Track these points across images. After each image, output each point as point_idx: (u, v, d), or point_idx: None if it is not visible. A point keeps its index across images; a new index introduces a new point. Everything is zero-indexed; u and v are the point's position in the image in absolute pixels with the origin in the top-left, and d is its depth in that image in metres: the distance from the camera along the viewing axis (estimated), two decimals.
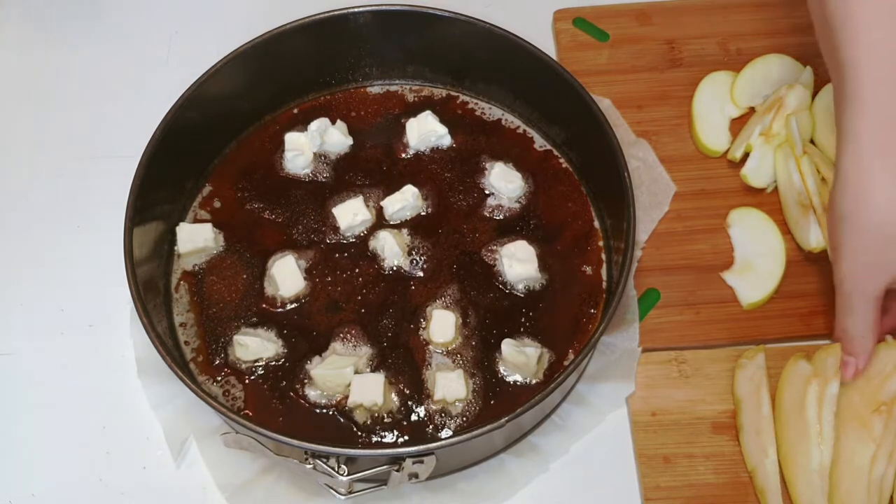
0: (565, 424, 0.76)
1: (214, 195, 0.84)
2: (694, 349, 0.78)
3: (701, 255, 0.83)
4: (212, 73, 0.79)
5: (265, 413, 0.73)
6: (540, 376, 0.75)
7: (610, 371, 0.77)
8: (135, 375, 0.78)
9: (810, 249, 0.80)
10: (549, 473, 0.75)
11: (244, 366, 0.75)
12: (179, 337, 0.77)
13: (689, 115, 0.89)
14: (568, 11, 0.95)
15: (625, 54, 0.93)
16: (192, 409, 0.75)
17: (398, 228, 0.82)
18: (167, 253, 0.80)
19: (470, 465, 0.75)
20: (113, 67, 0.94)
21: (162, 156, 0.76)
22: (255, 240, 0.81)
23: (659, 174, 0.86)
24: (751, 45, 0.92)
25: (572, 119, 0.81)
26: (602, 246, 0.81)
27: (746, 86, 0.89)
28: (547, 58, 0.81)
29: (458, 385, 0.73)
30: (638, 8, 0.95)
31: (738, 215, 0.84)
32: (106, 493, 0.75)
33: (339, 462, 0.66)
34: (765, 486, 0.72)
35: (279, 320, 0.77)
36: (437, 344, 0.76)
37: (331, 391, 0.74)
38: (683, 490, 0.73)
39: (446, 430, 0.73)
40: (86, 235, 0.84)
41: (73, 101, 0.92)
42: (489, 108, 0.88)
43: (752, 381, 0.75)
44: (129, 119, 0.89)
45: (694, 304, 0.81)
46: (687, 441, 0.75)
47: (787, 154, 0.84)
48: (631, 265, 0.73)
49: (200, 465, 0.75)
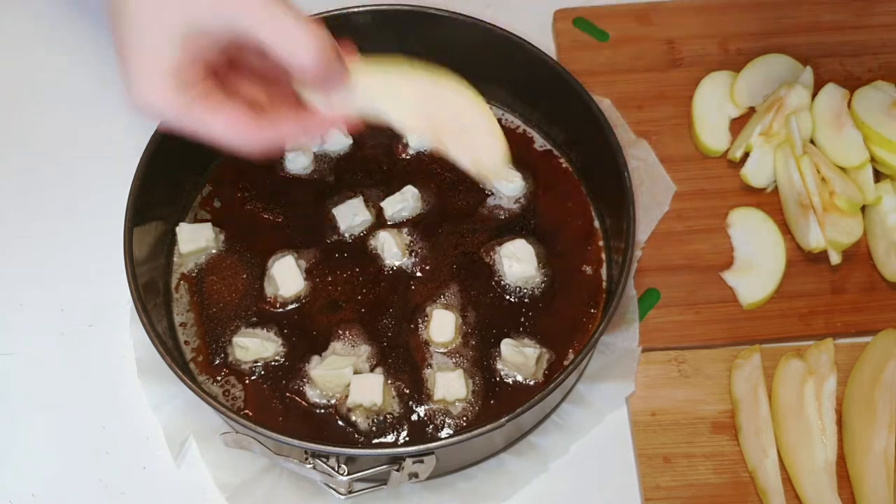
0: (565, 424, 0.76)
1: (214, 195, 0.84)
2: (694, 349, 0.79)
3: (701, 255, 0.83)
4: None
5: (265, 413, 0.73)
6: (539, 376, 0.75)
7: (610, 371, 0.77)
8: (135, 375, 0.78)
9: (810, 249, 0.81)
10: (548, 473, 0.75)
11: (244, 366, 0.75)
12: (179, 337, 0.77)
13: (689, 115, 0.89)
14: (568, 11, 0.95)
15: (625, 54, 0.93)
16: (192, 409, 0.75)
17: (398, 228, 0.82)
18: (167, 253, 0.80)
19: (470, 464, 0.75)
20: (113, 67, 0.94)
21: (162, 156, 0.76)
22: (255, 240, 0.81)
23: (659, 174, 0.86)
24: (751, 45, 0.92)
25: (572, 119, 0.81)
26: (602, 246, 0.81)
27: (746, 86, 0.89)
28: (547, 58, 0.81)
29: (458, 385, 0.73)
30: (638, 8, 0.95)
31: (738, 215, 0.84)
32: (106, 493, 0.75)
33: (339, 462, 0.66)
34: (766, 487, 0.72)
35: (279, 320, 0.77)
36: (437, 344, 0.76)
37: (330, 391, 0.74)
38: (683, 490, 0.73)
39: (446, 430, 0.73)
40: (86, 236, 0.84)
41: (74, 100, 0.92)
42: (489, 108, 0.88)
43: (749, 382, 0.75)
44: (129, 119, 0.89)
45: (694, 304, 0.81)
46: (687, 441, 0.75)
47: (787, 154, 0.84)
48: (631, 265, 0.73)
49: (200, 465, 0.75)
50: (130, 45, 0.56)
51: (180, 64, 0.56)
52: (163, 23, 0.55)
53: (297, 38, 0.55)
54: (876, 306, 0.81)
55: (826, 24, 0.94)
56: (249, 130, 0.58)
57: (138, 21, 0.56)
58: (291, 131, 0.60)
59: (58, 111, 0.92)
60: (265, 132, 0.59)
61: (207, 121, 0.58)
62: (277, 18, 0.55)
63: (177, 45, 0.56)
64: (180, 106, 0.57)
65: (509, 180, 0.82)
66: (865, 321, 0.80)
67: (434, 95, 0.64)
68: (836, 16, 0.94)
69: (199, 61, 0.57)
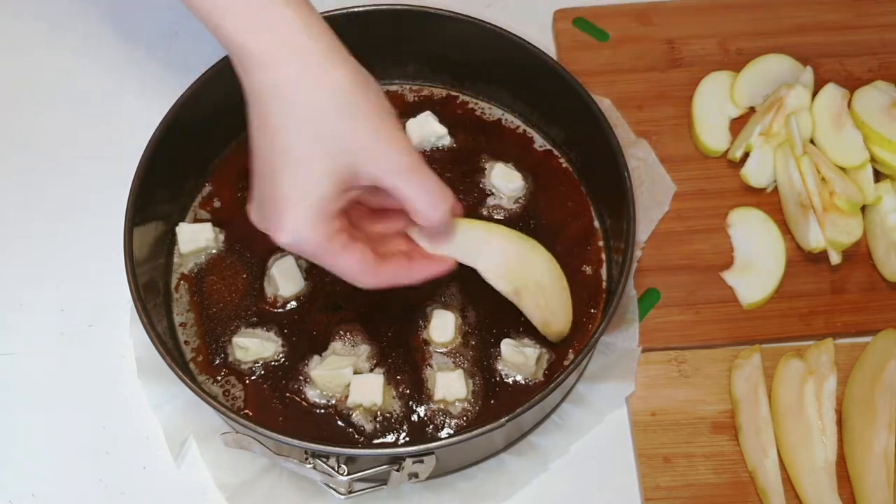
0: (565, 424, 0.76)
1: (214, 195, 0.84)
2: (694, 349, 0.79)
3: (701, 255, 0.83)
4: (212, 73, 0.79)
5: (265, 413, 0.73)
6: (539, 376, 0.75)
7: (610, 371, 0.77)
8: (135, 375, 0.78)
9: (810, 249, 0.81)
10: (548, 473, 0.75)
11: (244, 366, 0.75)
12: (179, 337, 0.77)
13: (689, 115, 0.89)
14: (568, 11, 0.95)
15: (625, 54, 0.93)
16: (192, 409, 0.75)
17: None
18: (167, 253, 0.80)
19: (470, 464, 0.75)
20: (113, 67, 0.94)
21: (162, 156, 0.76)
22: (255, 240, 0.81)
23: (659, 174, 0.86)
24: (751, 45, 0.92)
25: (572, 119, 0.81)
26: (602, 246, 0.81)
27: (746, 86, 0.89)
28: (547, 58, 0.81)
29: (459, 385, 0.73)
30: (638, 8, 0.95)
31: (738, 215, 0.84)
32: (106, 493, 0.75)
33: (339, 462, 0.66)
34: (766, 487, 0.72)
35: (279, 320, 0.77)
36: (437, 344, 0.76)
37: (330, 391, 0.74)
38: (683, 490, 0.73)
39: (446, 430, 0.73)
40: (86, 235, 0.84)
41: (73, 100, 0.92)
42: (489, 108, 0.88)
43: (749, 382, 0.75)
44: (129, 119, 0.89)
45: (694, 304, 0.81)
46: (687, 441, 0.75)
47: (787, 154, 0.84)
48: (631, 265, 0.73)
49: (200, 465, 0.75)
50: (283, 172, 0.58)
51: (330, 197, 0.59)
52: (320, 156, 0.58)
53: (438, 197, 0.61)
54: (876, 306, 0.81)
55: (826, 24, 0.94)
56: (373, 272, 0.63)
57: (295, 152, 0.58)
58: (404, 276, 0.65)
59: (58, 111, 0.91)
60: (383, 276, 0.63)
61: (340, 257, 0.61)
62: (426, 176, 0.61)
63: (330, 180, 0.58)
64: (322, 238, 0.59)
65: (509, 180, 0.82)
66: (865, 321, 0.80)
67: (520, 255, 0.71)
68: (836, 16, 0.94)
69: (343, 198, 0.60)
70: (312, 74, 0.58)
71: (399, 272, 0.64)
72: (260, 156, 0.60)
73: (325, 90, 0.58)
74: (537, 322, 0.73)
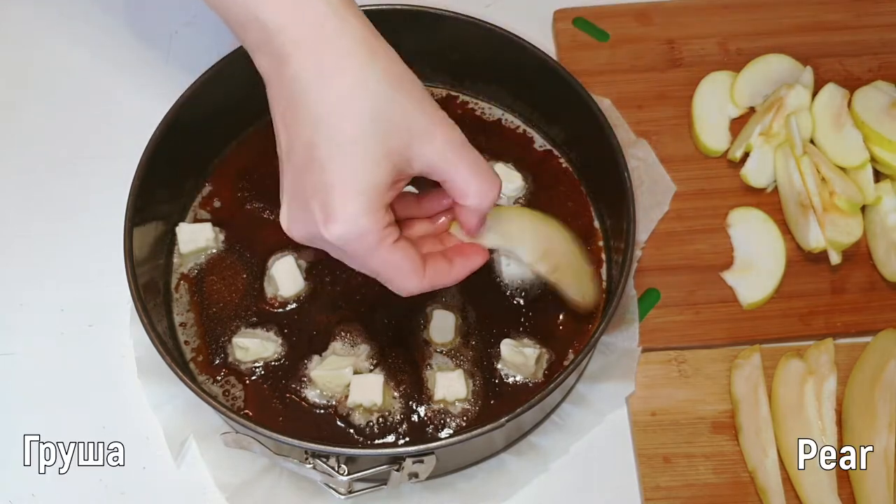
0: (565, 424, 0.76)
1: (214, 195, 0.84)
2: (694, 349, 0.79)
3: (701, 255, 0.83)
4: (212, 73, 0.79)
5: (265, 413, 0.73)
6: (539, 376, 0.75)
7: (610, 371, 0.77)
8: (135, 375, 0.78)
9: (810, 249, 0.81)
10: (548, 473, 0.75)
11: (244, 366, 0.75)
12: (179, 337, 0.77)
13: (689, 115, 0.89)
14: (568, 11, 0.95)
15: (625, 54, 0.93)
16: (192, 409, 0.75)
17: None
18: (167, 253, 0.80)
19: (470, 464, 0.75)
20: (113, 67, 0.94)
21: (162, 156, 0.76)
22: (255, 240, 0.81)
23: (659, 174, 0.86)
24: (751, 45, 0.92)
25: (572, 119, 0.81)
26: (602, 246, 0.81)
27: (746, 86, 0.89)
28: (547, 58, 0.81)
29: (459, 385, 0.73)
30: (638, 8, 0.95)
31: (738, 215, 0.84)
32: (106, 493, 0.75)
33: (339, 462, 0.66)
34: (766, 487, 0.72)
35: (279, 320, 0.77)
36: (437, 344, 0.76)
37: (330, 391, 0.74)
38: (683, 490, 0.73)
39: (446, 430, 0.73)
40: (86, 235, 0.84)
41: (73, 100, 0.92)
42: (489, 108, 0.88)
43: (749, 382, 0.75)
44: (129, 119, 0.89)
45: (694, 304, 0.81)
46: (687, 441, 0.75)
47: (787, 154, 0.84)
48: (631, 265, 0.73)
49: (200, 465, 0.75)
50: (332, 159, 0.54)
51: (385, 184, 0.55)
52: (374, 138, 0.54)
53: (492, 175, 0.58)
54: (876, 306, 0.81)
55: (826, 24, 0.94)
56: (421, 272, 0.59)
57: (347, 135, 0.54)
58: (445, 275, 0.61)
59: (58, 111, 0.91)
60: (428, 278, 0.60)
61: (392, 253, 0.57)
62: (477, 155, 0.58)
63: (385, 165, 0.54)
64: (380, 228, 0.55)
65: (509, 180, 0.82)
66: (865, 321, 0.80)
67: (549, 234, 0.70)
68: (836, 16, 0.94)
69: (394, 189, 0.56)
70: (360, 54, 0.55)
71: (440, 272, 0.61)
72: (296, 149, 0.55)
73: (376, 69, 0.55)
74: (574, 296, 0.72)
